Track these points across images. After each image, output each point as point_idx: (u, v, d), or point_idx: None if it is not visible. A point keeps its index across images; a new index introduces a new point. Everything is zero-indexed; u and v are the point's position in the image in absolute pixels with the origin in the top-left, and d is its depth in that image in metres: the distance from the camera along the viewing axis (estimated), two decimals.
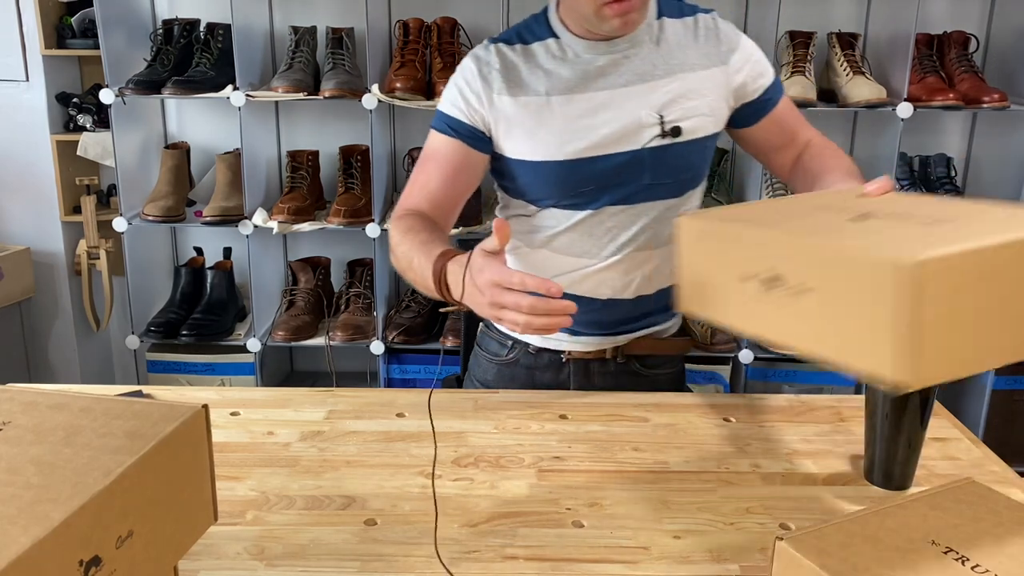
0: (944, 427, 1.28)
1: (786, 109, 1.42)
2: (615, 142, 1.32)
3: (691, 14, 1.37)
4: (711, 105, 1.34)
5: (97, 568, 0.65)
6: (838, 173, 1.25)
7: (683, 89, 1.32)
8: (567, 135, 1.31)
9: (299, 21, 2.54)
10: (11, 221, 2.68)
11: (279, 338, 2.46)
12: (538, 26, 1.36)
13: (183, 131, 2.67)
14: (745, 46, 1.37)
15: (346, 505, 1.06)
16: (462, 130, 1.34)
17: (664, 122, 1.32)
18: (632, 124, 1.31)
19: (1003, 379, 2.48)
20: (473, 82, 1.34)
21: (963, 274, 0.76)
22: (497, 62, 1.34)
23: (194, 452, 0.78)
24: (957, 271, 0.75)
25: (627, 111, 1.31)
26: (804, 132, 1.44)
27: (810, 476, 1.14)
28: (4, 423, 0.75)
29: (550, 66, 1.33)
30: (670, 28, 1.35)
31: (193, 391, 1.43)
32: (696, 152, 1.36)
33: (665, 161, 1.33)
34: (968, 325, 0.78)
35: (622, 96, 1.31)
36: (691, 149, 1.35)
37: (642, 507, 1.06)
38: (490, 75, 1.34)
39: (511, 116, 1.33)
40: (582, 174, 1.33)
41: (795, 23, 2.46)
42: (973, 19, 2.52)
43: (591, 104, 1.32)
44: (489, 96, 1.33)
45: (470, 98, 1.34)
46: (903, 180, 2.43)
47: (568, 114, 1.32)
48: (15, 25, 2.52)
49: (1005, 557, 0.78)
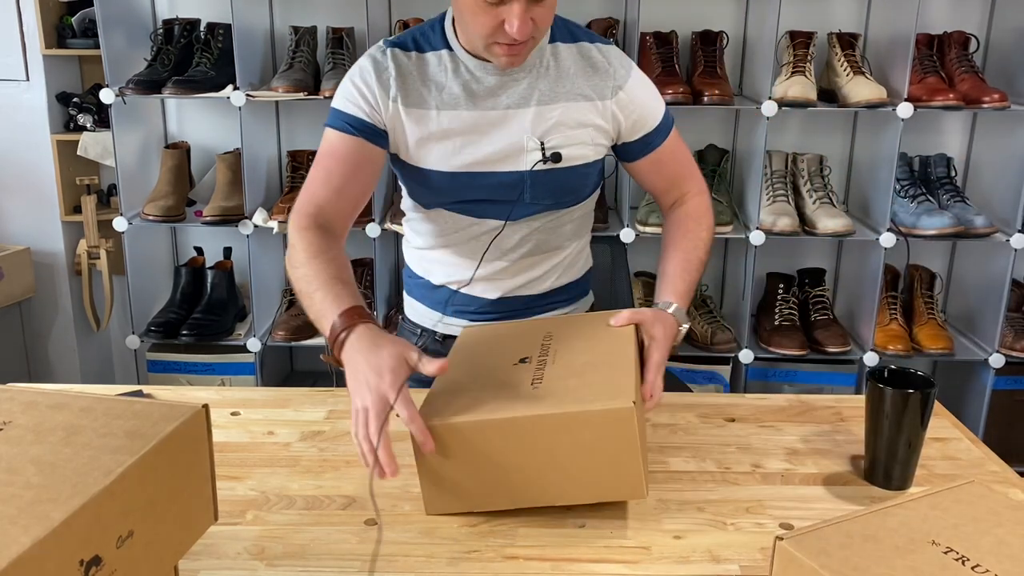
0: (944, 427, 1.28)
1: (669, 155, 1.43)
2: (499, 161, 1.36)
3: (587, 41, 1.38)
4: (592, 135, 1.37)
5: (97, 568, 0.65)
6: (676, 261, 1.35)
7: (565, 117, 1.35)
8: (453, 150, 1.35)
9: (299, 21, 2.54)
10: (11, 221, 2.68)
11: (279, 338, 2.46)
12: (434, 35, 1.37)
13: (183, 131, 2.67)
14: (633, 88, 1.38)
15: (346, 505, 1.06)
16: (362, 127, 1.35)
17: (544, 148, 1.35)
18: (515, 146, 1.35)
19: (1003, 379, 2.48)
20: (371, 83, 1.34)
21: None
22: (393, 68, 1.34)
23: (194, 452, 0.78)
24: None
25: (511, 133, 1.35)
26: (685, 184, 1.45)
27: (810, 476, 1.14)
28: (4, 423, 0.75)
29: (441, 79, 1.35)
30: (563, 54, 1.37)
31: (193, 391, 1.43)
32: (576, 177, 1.40)
33: (545, 184, 1.38)
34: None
35: (508, 117, 1.35)
36: (571, 174, 1.39)
37: (642, 507, 1.06)
38: (387, 80, 1.34)
39: (403, 124, 1.35)
40: (467, 186, 1.37)
41: (795, 23, 2.46)
42: (973, 19, 2.52)
43: (477, 122, 1.34)
44: (385, 100, 1.34)
45: (368, 97, 1.34)
46: (903, 180, 2.43)
47: (455, 130, 1.35)
48: (15, 25, 2.52)
49: (1005, 557, 0.78)
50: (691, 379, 2.50)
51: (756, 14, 2.47)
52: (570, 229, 1.48)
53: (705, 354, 2.48)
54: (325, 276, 1.18)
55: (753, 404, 1.35)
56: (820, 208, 2.41)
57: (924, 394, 1.07)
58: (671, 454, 1.19)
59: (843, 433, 1.26)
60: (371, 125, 1.35)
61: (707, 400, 1.36)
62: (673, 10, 2.51)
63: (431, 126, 1.35)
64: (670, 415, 1.30)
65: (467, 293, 1.48)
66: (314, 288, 1.17)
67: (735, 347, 2.47)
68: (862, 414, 1.12)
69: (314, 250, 1.23)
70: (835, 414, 1.32)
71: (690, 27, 2.49)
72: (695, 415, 1.31)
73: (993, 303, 2.45)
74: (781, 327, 2.48)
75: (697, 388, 2.47)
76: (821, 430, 1.27)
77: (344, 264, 1.24)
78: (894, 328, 2.46)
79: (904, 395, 1.07)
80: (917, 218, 2.36)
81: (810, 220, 2.41)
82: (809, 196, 2.45)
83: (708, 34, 2.45)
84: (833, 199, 2.45)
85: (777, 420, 1.30)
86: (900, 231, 2.37)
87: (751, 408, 1.33)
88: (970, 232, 2.34)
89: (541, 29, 1.26)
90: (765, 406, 1.34)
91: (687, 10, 2.52)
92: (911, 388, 1.07)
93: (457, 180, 1.37)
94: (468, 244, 1.44)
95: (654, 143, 1.41)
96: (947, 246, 2.66)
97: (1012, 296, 2.46)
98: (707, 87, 2.31)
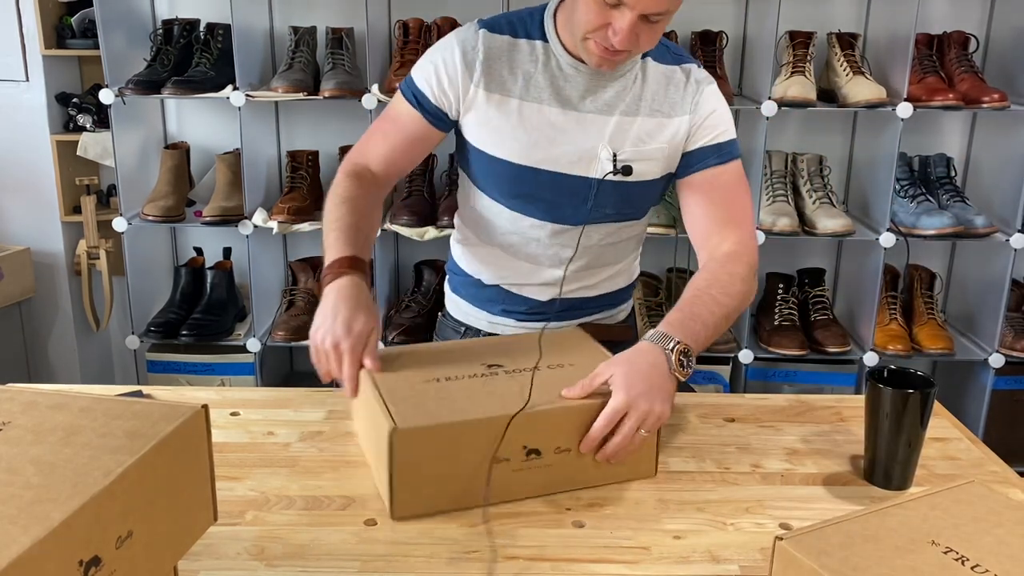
0: (944, 427, 1.28)
1: (723, 184, 1.34)
2: (570, 164, 1.34)
3: (675, 63, 1.36)
4: (663, 151, 1.34)
5: (97, 568, 0.65)
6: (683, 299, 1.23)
7: (642, 131, 1.33)
8: (528, 144, 1.33)
9: (299, 21, 2.54)
10: (11, 221, 2.68)
11: (279, 338, 2.46)
12: (532, 23, 1.35)
13: (183, 131, 2.67)
14: (707, 101, 1.34)
15: (346, 505, 1.06)
16: (427, 106, 1.36)
17: (616, 159, 1.33)
18: (589, 152, 1.33)
19: (1003, 379, 2.48)
20: (452, 65, 1.33)
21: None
22: (482, 50, 1.32)
23: (194, 452, 0.78)
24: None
25: (588, 138, 1.33)
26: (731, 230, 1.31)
27: (810, 476, 1.14)
28: (4, 423, 0.75)
29: (530, 68, 1.33)
30: (652, 70, 1.35)
31: (193, 391, 1.43)
32: (641, 191, 1.38)
33: (611, 194, 1.36)
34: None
35: (588, 122, 1.33)
36: (637, 188, 1.36)
37: (642, 507, 1.06)
38: (473, 62, 1.32)
39: (481, 110, 1.34)
40: (533, 182, 1.35)
41: (795, 23, 2.46)
42: (973, 19, 2.52)
43: (557, 121, 1.33)
44: (467, 84, 1.33)
45: (444, 80, 1.34)
46: (903, 180, 2.43)
47: (534, 124, 1.33)
48: (15, 25, 2.52)
49: (1005, 557, 0.78)
50: (691, 379, 2.49)
51: (756, 14, 2.47)
52: (628, 243, 1.47)
53: (705, 354, 2.47)
54: (347, 221, 1.28)
55: (753, 404, 1.35)
56: (820, 208, 2.41)
57: (924, 394, 1.07)
58: (671, 454, 1.19)
59: (843, 433, 1.26)
60: (436, 107, 1.35)
61: (707, 400, 1.36)
62: None
63: (510, 115, 1.33)
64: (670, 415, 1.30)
65: (519, 294, 1.46)
66: (331, 229, 1.28)
67: (735, 347, 2.47)
68: (862, 414, 1.12)
69: (348, 195, 1.32)
70: (835, 414, 1.32)
71: (690, 27, 2.49)
72: (695, 415, 1.31)
73: (993, 303, 2.45)
74: (781, 327, 2.48)
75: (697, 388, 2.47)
76: (821, 430, 1.27)
77: (367, 213, 1.33)
78: (894, 328, 2.46)
79: (904, 395, 1.07)
80: (917, 218, 2.36)
81: (810, 220, 2.41)
82: (809, 196, 2.45)
83: (708, 34, 2.45)
84: (833, 199, 2.45)
85: (777, 420, 1.30)
86: (900, 231, 2.37)
87: (751, 408, 1.33)
88: (970, 232, 2.35)
89: (642, 47, 1.25)
90: (765, 406, 1.34)
91: (687, 10, 2.47)
92: (911, 388, 1.07)
93: (524, 174, 1.34)
94: (526, 246, 1.42)
95: (710, 160, 1.34)
96: (947, 246, 2.66)
97: (1012, 296, 2.46)
98: None
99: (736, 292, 1.24)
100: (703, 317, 1.18)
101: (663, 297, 2.57)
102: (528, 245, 1.42)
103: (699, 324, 1.17)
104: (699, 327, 1.17)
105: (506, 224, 1.42)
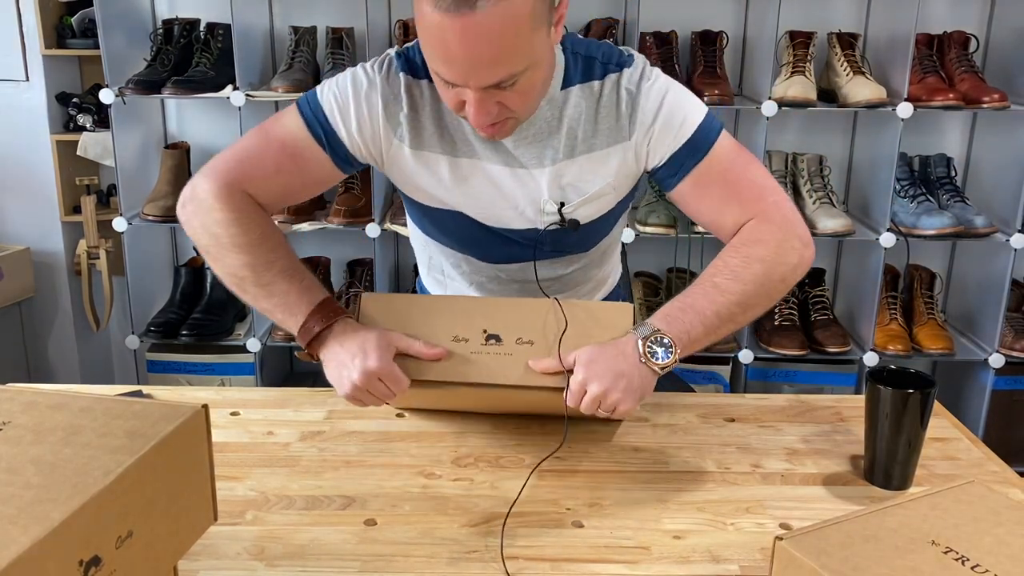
0: (944, 427, 1.28)
1: (714, 175, 1.20)
2: (511, 219, 1.26)
3: (599, 77, 1.19)
4: (614, 183, 1.23)
5: (97, 568, 0.65)
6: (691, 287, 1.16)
7: (584, 172, 1.21)
8: (465, 197, 1.24)
9: (299, 21, 2.54)
10: (11, 221, 2.68)
11: (279, 338, 2.46)
12: None
13: (183, 131, 2.67)
14: (652, 104, 1.19)
15: (346, 505, 1.06)
16: (338, 149, 1.20)
17: (563, 213, 1.23)
18: (532, 205, 1.24)
19: (1003, 379, 2.48)
20: (375, 114, 1.19)
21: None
22: (405, 102, 1.19)
23: (194, 452, 0.78)
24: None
25: (528, 191, 1.23)
26: (746, 207, 1.19)
27: (810, 476, 1.14)
28: (4, 423, 0.75)
29: (455, 122, 1.20)
30: (574, 100, 1.19)
31: (193, 391, 1.43)
32: (597, 227, 1.30)
33: (561, 239, 1.28)
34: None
35: (522, 177, 1.22)
36: (592, 227, 1.28)
37: (642, 507, 1.06)
38: (396, 115, 1.19)
39: (410, 166, 1.22)
40: (478, 234, 1.28)
41: (795, 23, 2.46)
42: (973, 19, 2.52)
43: (492, 176, 1.22)
44: (389, 139, 1.20)
45: (364, 126, 1.19)
46: (903, 180, 2.43)
47: (468, 179, 1.22)
48: (15, 25, 2.52)
49: (1005, 557, 0.78)
50: (691, 379, 2.50)
51: (756, 14, 2.47)
52: (601, 258, 1.39)
53: (705, 354, 2.48)
54: (281, 268, 1.15)
55: (753, 404, 1.35)
56: (820, 208, 2.41)
57: (924, 394, 1.07)
58: (671, 454, 1.19)
59: (843, 433, 1.26)
60: (346, 151, 1.21)
61: (707, 400, 1.36)
62: (673, 10, 2.51)
63: (442, 172, 1.22)
64: (670, 415, 1.30)
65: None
66: (270, 284, 1.15)
67: (735, 347, 2.47)
68: (862, 414, 1.12)
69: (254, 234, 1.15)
70: (835, 414, 1.32)
71: (690, 27, 2.49)
72: (695, 415, 1.31)
73: (993, 303, 2.45)
74: (781, 327, 2.48)
75: (697, 388, 2.47)
76: (821, 430, 1.27)
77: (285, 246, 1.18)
78: (894, 328, 2.46)
79: (904, 395, 1.07)
80: (917, 218, 2.36)
81: (810, 220, 2.41)
82: (809, 196, 2.45)
83: (708, 34, 2.45)
84: (833, 199, 2.45)
85: (777, 420, 1.30)
86: (900, 231, 2.37)
87: (751, 408, 1.33)
88: (970, 232, 2.35)
89: (518, 110, 1.11)
90: (765, 406, 1.34)
91: (687, 10, 2.52)
92: (911, 388, 1.07)
93: (470, 227, 1.27)
94: (490, 283, 1.36)
95: (687, 164, 1.19)
96: (947, 246, 2.66)
97: (1012, 296, 2.46)
98: (707, 87, 2.31)
99: (751, 276, 1.13)
100: (699, 307, 1.11)
101: (663, 297, 2.57)
102: (490, 282, 1.36)
103: (693, 314, 1.11)
104: (693, 317, 1.10)
105: (463, 265, 1.35)
